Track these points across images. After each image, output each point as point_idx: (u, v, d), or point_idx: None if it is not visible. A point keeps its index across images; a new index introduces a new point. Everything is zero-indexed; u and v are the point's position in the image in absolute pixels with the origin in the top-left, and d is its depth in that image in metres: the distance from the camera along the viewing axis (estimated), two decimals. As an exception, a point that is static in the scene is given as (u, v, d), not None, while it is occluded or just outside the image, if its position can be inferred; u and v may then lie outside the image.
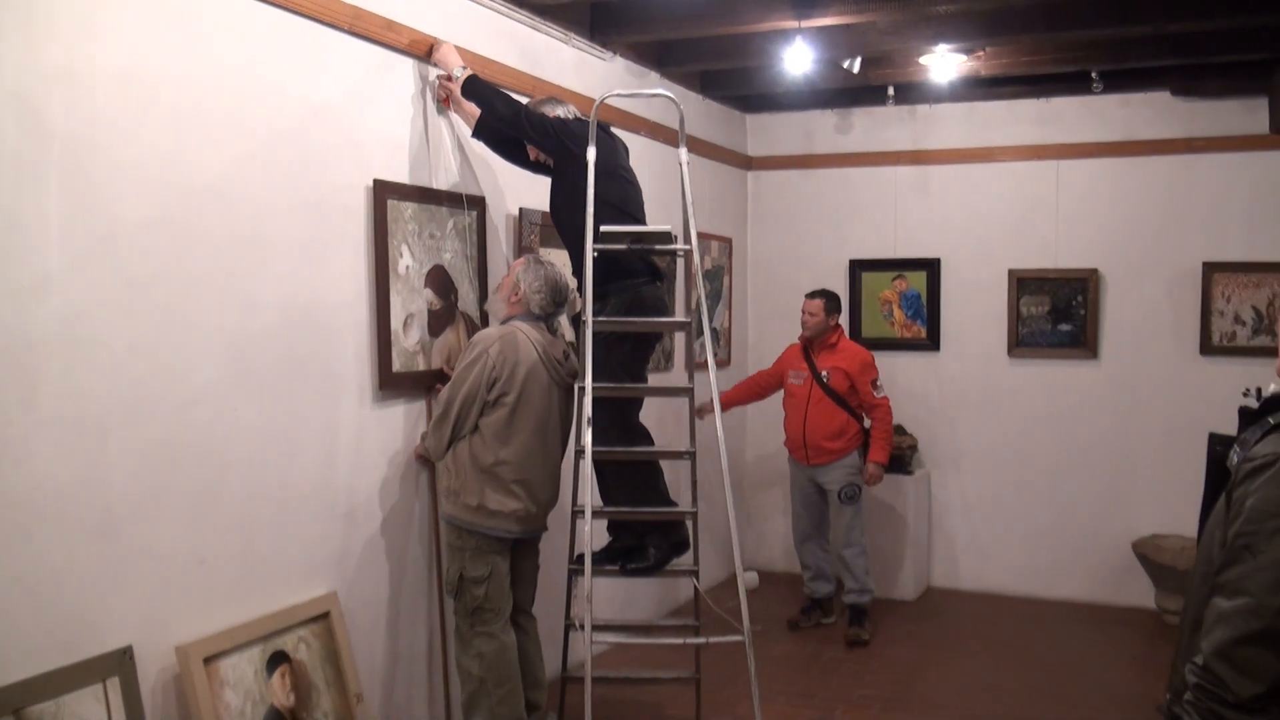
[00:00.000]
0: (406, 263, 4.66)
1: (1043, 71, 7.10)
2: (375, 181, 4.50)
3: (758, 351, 8.50)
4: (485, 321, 5.12)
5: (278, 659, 3.99)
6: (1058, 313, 7.69)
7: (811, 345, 6.96)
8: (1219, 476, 2.12)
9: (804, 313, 6.93)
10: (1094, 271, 7.58)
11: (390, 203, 4.56)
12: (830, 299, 6.95)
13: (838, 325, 7.00)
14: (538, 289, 4.69)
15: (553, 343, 4.72)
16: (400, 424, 4.71)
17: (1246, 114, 7.23)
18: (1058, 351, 7.71)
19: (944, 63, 6.83)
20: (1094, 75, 7.05)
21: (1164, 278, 7.47)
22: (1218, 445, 2.18)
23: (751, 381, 7.39)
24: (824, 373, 6.86)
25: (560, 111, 4.91)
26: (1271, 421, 2.00)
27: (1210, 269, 7.33)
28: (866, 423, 6.90)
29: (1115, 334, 7.61)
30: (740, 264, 8.37)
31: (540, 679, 4.84)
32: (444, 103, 4.92)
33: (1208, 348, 7.37)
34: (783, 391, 7.16)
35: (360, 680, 4.32)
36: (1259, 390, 2.19)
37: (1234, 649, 1.89)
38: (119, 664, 3.38)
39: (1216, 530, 2.03)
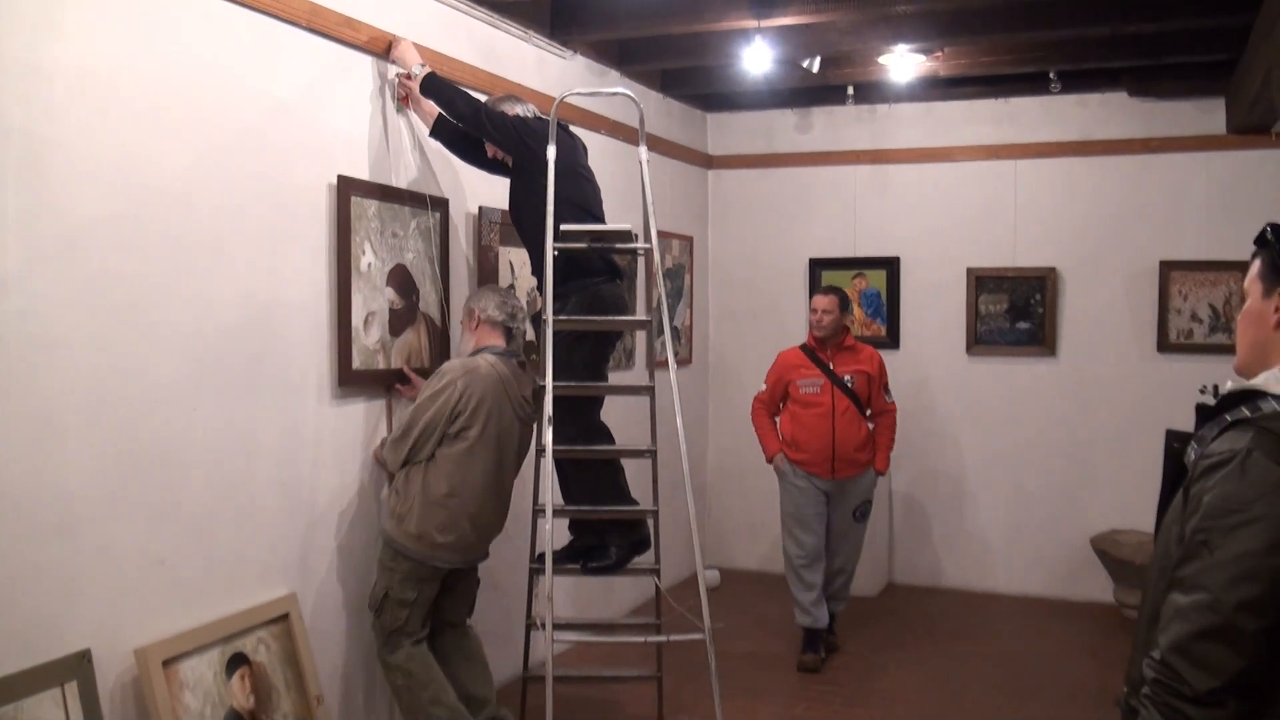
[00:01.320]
0: (369, 260, 4.63)
1: (1001, 72, 7.15)
2: (339, 178, 4.48)
3: (719, 350, 8.53)
4: (447, 321, 5.10)
5: (237, 661, 3.96)
6: (1016, 311, 7.75)
7: (823, 347, 6.37)
8: (1176, 473, 2.13)
9: (816, 311, 6.35)
10: (1052, 270, 7.64)
11: (353, 199, 4.54)
12: (842, 296, 6.44)
13: (848, 325, 6.50)
14: (493, 305, 4.72)
15: (520, 379, 4.69)
16: (360, 422, 4.69)
17: (1203, 114, 7.31)
18: (1016, 349, 7.77)
19: (903, 63, 6.87)
20: (1052, 76, 7.11)
21: (1121, 276, 7.54)
22: (1175, 442, 2.19)
23: (768, 415, 6.53)
24: (847, 377, 6.29)
25: (519, 110, 4.90)
26: (1229, 419, 2.02)
27: (1167, 267, 7.40)
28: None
29: (1073, 332, 7.67)
30: (701, 262, 8.38)
31: (483, 688, 4.79)
32: (403, 101, 4.89)
33: (1165, 345, 7.45)
34: (788, 402, 6.45)
35: (320, 682, 4.30)
36: (1216, 387, 2.21)
37: (1191, 644, 1.91)
38: (77, 667, 3.34)
39: (1174, 526, 2.04)
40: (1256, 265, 2.15)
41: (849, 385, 6.29)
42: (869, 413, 6.39)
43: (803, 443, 6.32)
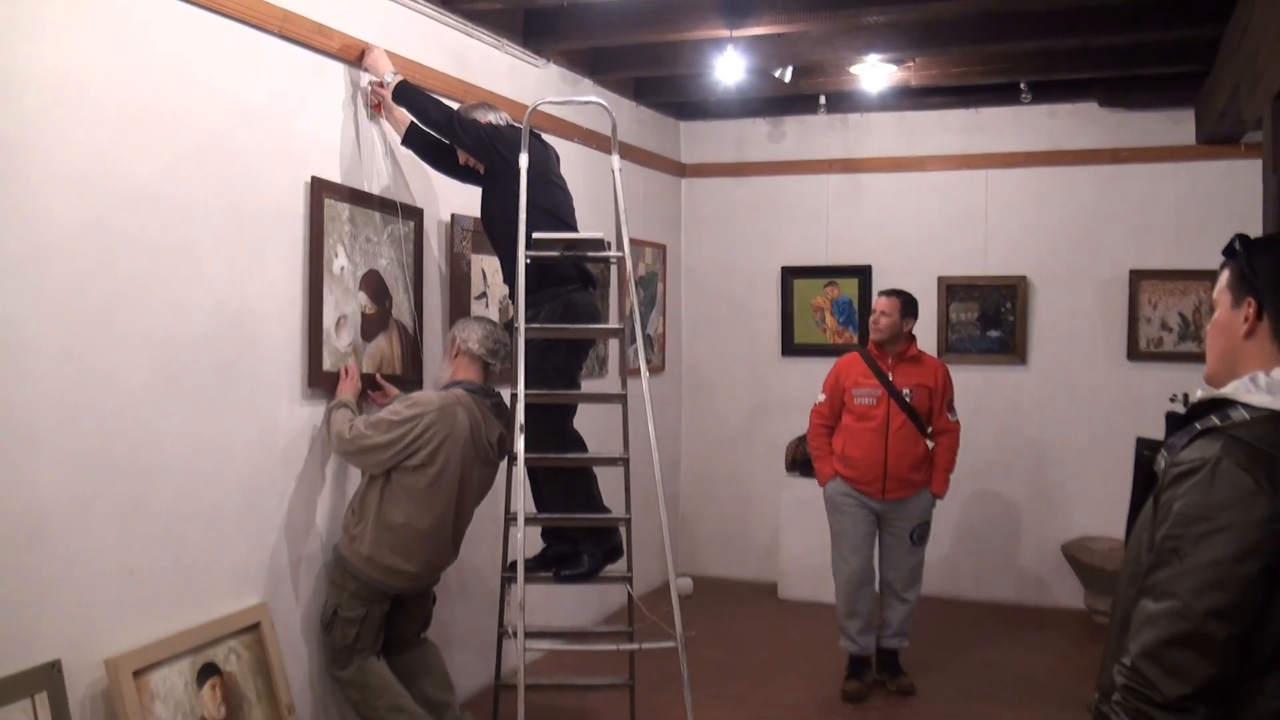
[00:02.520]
0: (341, 263, 4.62)
1: (972, 82, 7.20)
2: (313, 179, 4.47)
3: (692, 357, 8.54)
4: (421, 329, 5.09)
5: (208, 671, 3.93)
6: (987, 319, 7.80)
7: (883, 355, 5.99)
8: (1146, 480, 2.15)
9: (875, 312, 6.02)
10: (1023, 278, 7.68)
11: (327, 201, 4.52)
12: (906, 299, 6.01)
13: (913, 333, 6.09)
14: (477, 339, 4.72)
15: (489, 422, 4.67)
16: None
17: (1173, 125, 7.38)
18: (987, 357, 7.81)
19: (874, 73, 6.90)
20: (1023, 86, 7.17)
21: (1092, 285, 7.60)
22: (1145, 450, 2.21)
23: (826, 434, 6.12)
24: (906, 391, 5.89)
25: (492, 117, 4.90)
26: (1199, 427, 2.04)
27: (1137, 276, 7.46)
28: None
29: (1044, 340, 7.72)
30: (674, 270, 8.39)
31: (443, 696, 4.77)
32: (374, 109, 4.88)
33: (1135, 353, 7.50)
34: (843, 412, 6.07)
35: (292, 691, 4.28)
36: (1186, 396, 2.23)
37: (1161, 650, 1.92)
38: (47, 678, 3.31)
39: (1144, 534, 2.06)
40: (1225, 276, 2.17)
41: (907, 399, 5.90)
42: (930, 430, 6.00)
43: (853, 459, 5.94)
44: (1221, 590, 1.89)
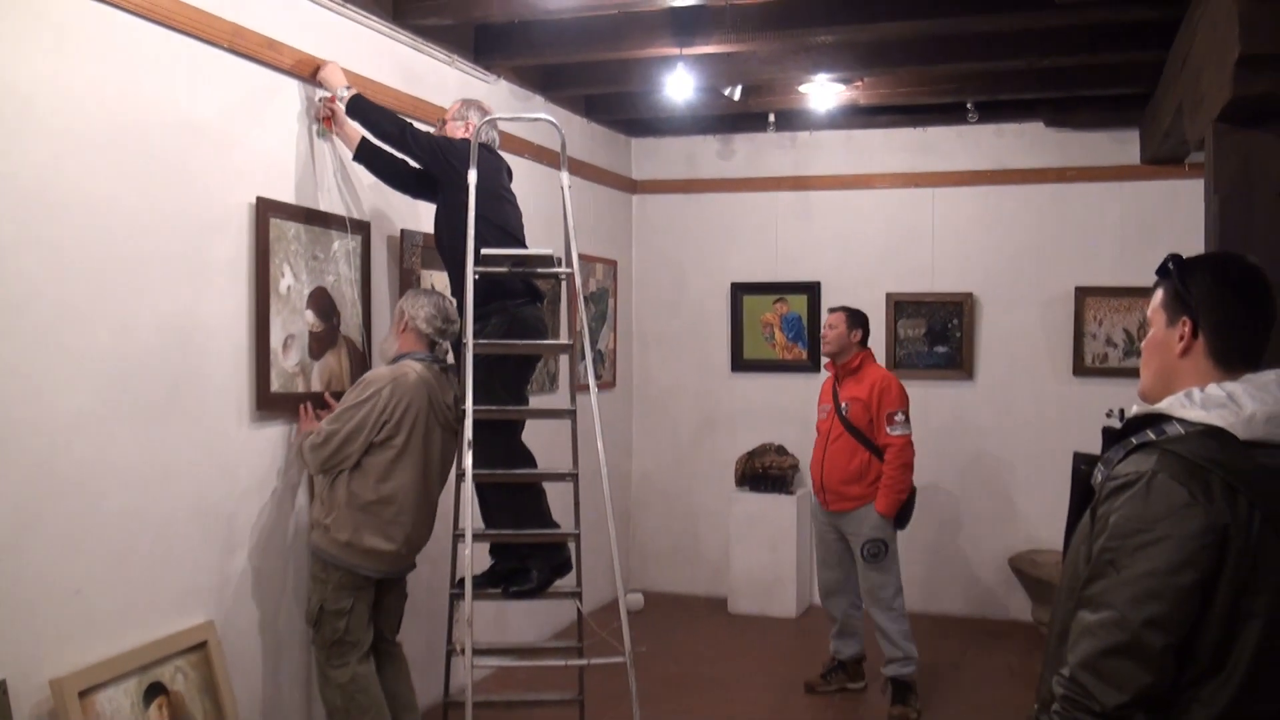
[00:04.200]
0: (288, 283, 4.60)
1: (919, 101, 7.27)
2: (258, 199, 4.44)
3: (643, 373, 8.56)
4: (370, 351, 5.08)
5: (155, 690, 3.90)
6: (934, 335, 7.87)
7: (837, 372, 6.16)
8: (1084, 494, 2.19)
9: (824, 328, 6.23)
10: (969, 295, 7.76)
11: (273, 221, 4.50)
12: (853, 315, 6.13)
13: (864, 347, 6.15)
14: (425, 317, 4.68)
15: (443, 386, 4.69)
16: (279, 446, 4.64)
17: (1117, 145, 7.50)
18: (934, 372, 7.87)
19: (823, 92, 6.96)
20: (969, 106, 7.25)
21: (1038, 301, 7.69)
22: (1082, 464, 2.25)
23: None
24: (844, 404, 6.06)
25: (473, 117, 4.92)
26: (1134, 441, 2.08)
27: (1083, 293, 7.56)
28: None
29: (990, 356, 7.80)
30: (626, 286, 8.40)
31: (410, 703, 4.79)
32: (325, 123, 4.86)
33: (1081, 369, 7.60)
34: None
35: (239, 710, 4.25)
36: (1122, 411, 2.27)
37: (1099, 660, 1.96)
38: (-12, 697, 3.28)
39: (1082, 546, 2.10)
40: (1159, 295, 2.22)
41: (844, 413, 6.05)
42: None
43: (811, 468, 6.29)
44: (1158, 601, 1.93)
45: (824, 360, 6.27)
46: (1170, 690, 1.96)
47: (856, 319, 6.13)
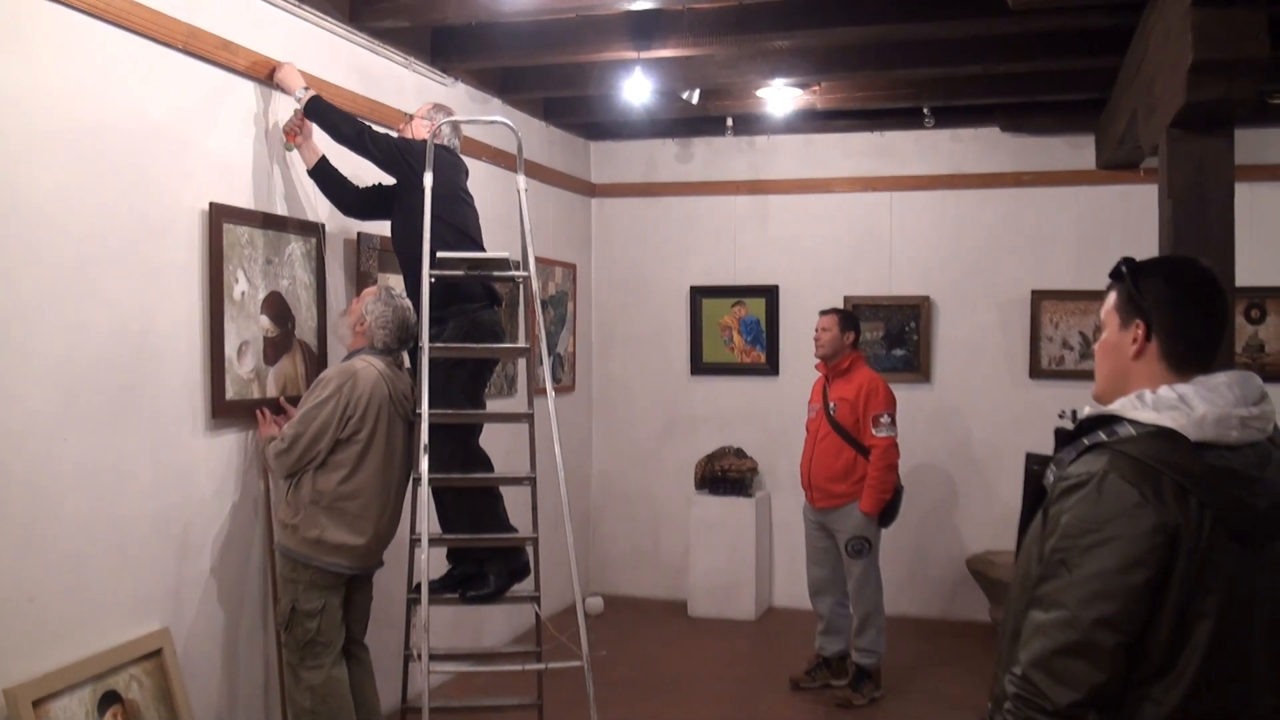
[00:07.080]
0: (242, 288, 4.57)
1: (876, 106, 7.32)
2: (211, 205, 4.40)
3: (603, 376, 8.55)
4: (325, 347, 5.05)
5: (109, 699, 3.86)
6: (891, 338, 7.91)
7: (825, 371, 6.33)
8: (1036, 494, 2.21)
9: (816, 330, 6.32)
10: (926, 299, 7.81)
11: (226, 226, 4.47)
12: (846, 317, 6.34)
13: (855, 349, 6.32)
14: (383, 324, 4.66)
15: (399, 377, 4.69)
16: (235, 453, 4.61)
17: (1073, 150, 7.57)
18: (892, 375, 7.83)
19: (780, 96, 6.99)
20: (926, 111, 7.28)
21: (994, 305, 7.74)
22: (1035, 464, 2.27)
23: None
24: (832, 404, 6.22)
25: (441, 122, 4.91)
26: (1086, 442, 2.10)
27: (1039, 296, 7.63)
28: None
29: (947, 358, 7.85)
30: (585, 289, 8.40)
31: (375, 708, 4.78)
32: (289, 137, 4.80)
33: (1037, 371, 7.66)
34: None
35: (195, 718, 4.21)
36: (1074, 412, 2.29)
37: (1051, 659, 1.97)
38: (-62, 707, 3.24)
39: (1033, 546, 2.11)
40: (1112, 298, 2.24)
41: (831, 413, 6.20)
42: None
43: (800, 469, 6.40)
44: (1109, 600, 1.95)
45: (815, 362, 6.38)
46: (1122, 689, 1.98)
47: (849, 321, 6.30)
